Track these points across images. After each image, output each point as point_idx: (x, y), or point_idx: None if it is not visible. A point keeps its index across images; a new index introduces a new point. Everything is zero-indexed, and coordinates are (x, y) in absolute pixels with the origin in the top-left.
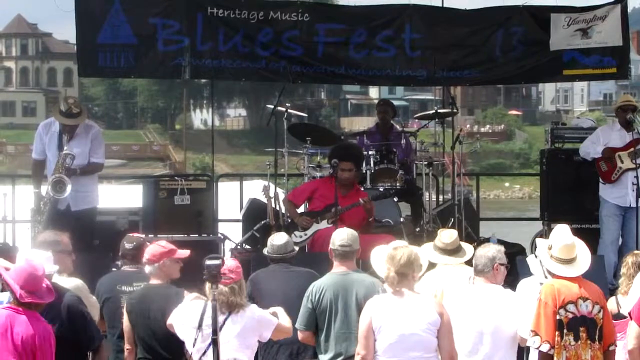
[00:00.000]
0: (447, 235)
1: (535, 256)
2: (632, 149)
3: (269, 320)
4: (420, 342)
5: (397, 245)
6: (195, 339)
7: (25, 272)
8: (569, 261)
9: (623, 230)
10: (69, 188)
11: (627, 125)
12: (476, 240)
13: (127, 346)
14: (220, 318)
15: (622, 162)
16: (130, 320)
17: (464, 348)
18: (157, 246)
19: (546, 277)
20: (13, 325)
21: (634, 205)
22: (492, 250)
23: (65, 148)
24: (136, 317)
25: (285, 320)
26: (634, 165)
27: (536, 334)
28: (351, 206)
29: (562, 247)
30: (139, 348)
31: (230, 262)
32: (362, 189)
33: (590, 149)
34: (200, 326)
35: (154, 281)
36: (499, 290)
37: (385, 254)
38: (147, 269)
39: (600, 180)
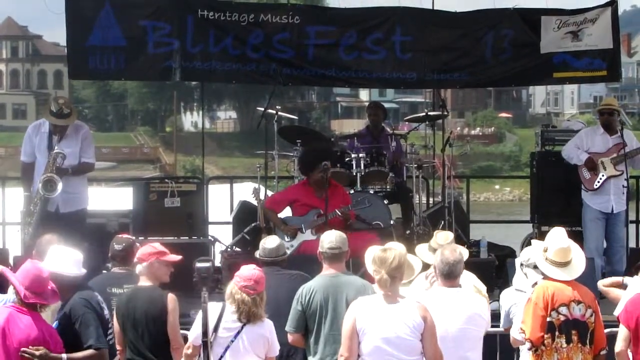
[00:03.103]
0: (443, 237)
1: (521, 264)
2: (615, 155)
3: (277, 343)
4: (404, 345)
5: (387, 247)
6: (211, 342)
7: (30, 273)
8: (564, 264)
9: (608, 234)
10: (59, 187)
11: (609, 129)
12: (466, 242)
13: (117, 347)
14: (238, 324)
15: (604, 169)
16: (119, 322)
17: None
18: (148, 246)
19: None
20: (13, 326)
21: (616, 210)
22: (454, 256)
23: (55, 148)
24: (123, 319)
25: None
26: (617, 173)
27: (523, 332)
28: (332, 215)
29: (557, 250)
30: (127, 350)
31: (255, 272)
32: (341, 186)
33: (573, 153)
34: (216, 329)
35: (142, 282)
36: (460, 293)
37: (376, 256)
38: (137, 268)
39: (583, 187)
